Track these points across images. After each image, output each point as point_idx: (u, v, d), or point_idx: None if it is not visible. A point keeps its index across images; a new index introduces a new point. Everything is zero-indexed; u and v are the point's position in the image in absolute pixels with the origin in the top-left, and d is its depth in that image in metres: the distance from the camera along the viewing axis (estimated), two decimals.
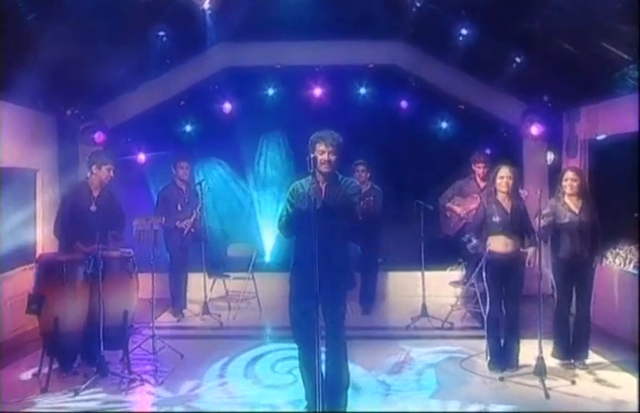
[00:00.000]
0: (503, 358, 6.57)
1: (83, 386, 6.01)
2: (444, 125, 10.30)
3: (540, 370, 6.12)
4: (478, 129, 9.91)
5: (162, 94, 9.98)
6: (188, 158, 9.08)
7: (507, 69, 8.73)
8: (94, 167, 6.77)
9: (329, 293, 4.97)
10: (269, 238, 10.84)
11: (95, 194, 6.83)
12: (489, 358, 6.67)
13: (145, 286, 6.89)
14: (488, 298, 6.58)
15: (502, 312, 6.56)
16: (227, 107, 10.14)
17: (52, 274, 6.25)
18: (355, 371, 5.57)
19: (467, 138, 9.80)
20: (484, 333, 6.86)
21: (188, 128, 10.36)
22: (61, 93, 8.67)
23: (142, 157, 10.39)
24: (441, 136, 10.30)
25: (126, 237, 7.08)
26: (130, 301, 6.55)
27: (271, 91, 10.20)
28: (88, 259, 6.28)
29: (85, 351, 6.46)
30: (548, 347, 6.67)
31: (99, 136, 9.20)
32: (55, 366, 6.32)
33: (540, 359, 6.15)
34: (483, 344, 6.95)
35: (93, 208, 6.76)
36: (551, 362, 6.58)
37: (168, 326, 8.48)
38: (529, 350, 6.45)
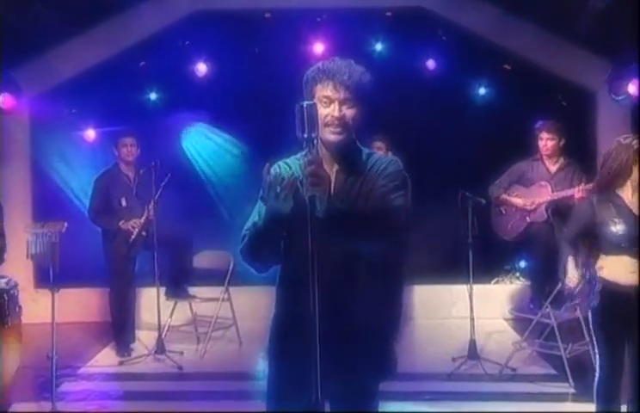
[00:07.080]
0: None
1: None
2: (482, 90, 8.14)
3: None
4: (537, 93, 7.55)
5: (106, 49, 7.45)
6: (135, 134, 6.54)
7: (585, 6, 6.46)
8: None
9: (345, 386, 2.49)
10: None
11: None
12: None
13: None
14: (598, 355, 4.07)
15: (623, 374, 4.06)
16: (201, 68, 7.92)
17: None
18: None
19: (519, 105, 7.47)
20: (567, 389, 5.29)
21: (154, 96, 8.17)
22: None
23: (91, 134, 8.12)
24: (482, 103, 8.08)
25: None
26: (4, 366, 3.98)
27: (257, 48, 7.90)
28: None
29: None
30: None
31: (6, 100, 6.66)
32: None
33: None
34: (567, 407, 5.08)
35: None
36: None
37: (103, 373, 6.02)
38: None
